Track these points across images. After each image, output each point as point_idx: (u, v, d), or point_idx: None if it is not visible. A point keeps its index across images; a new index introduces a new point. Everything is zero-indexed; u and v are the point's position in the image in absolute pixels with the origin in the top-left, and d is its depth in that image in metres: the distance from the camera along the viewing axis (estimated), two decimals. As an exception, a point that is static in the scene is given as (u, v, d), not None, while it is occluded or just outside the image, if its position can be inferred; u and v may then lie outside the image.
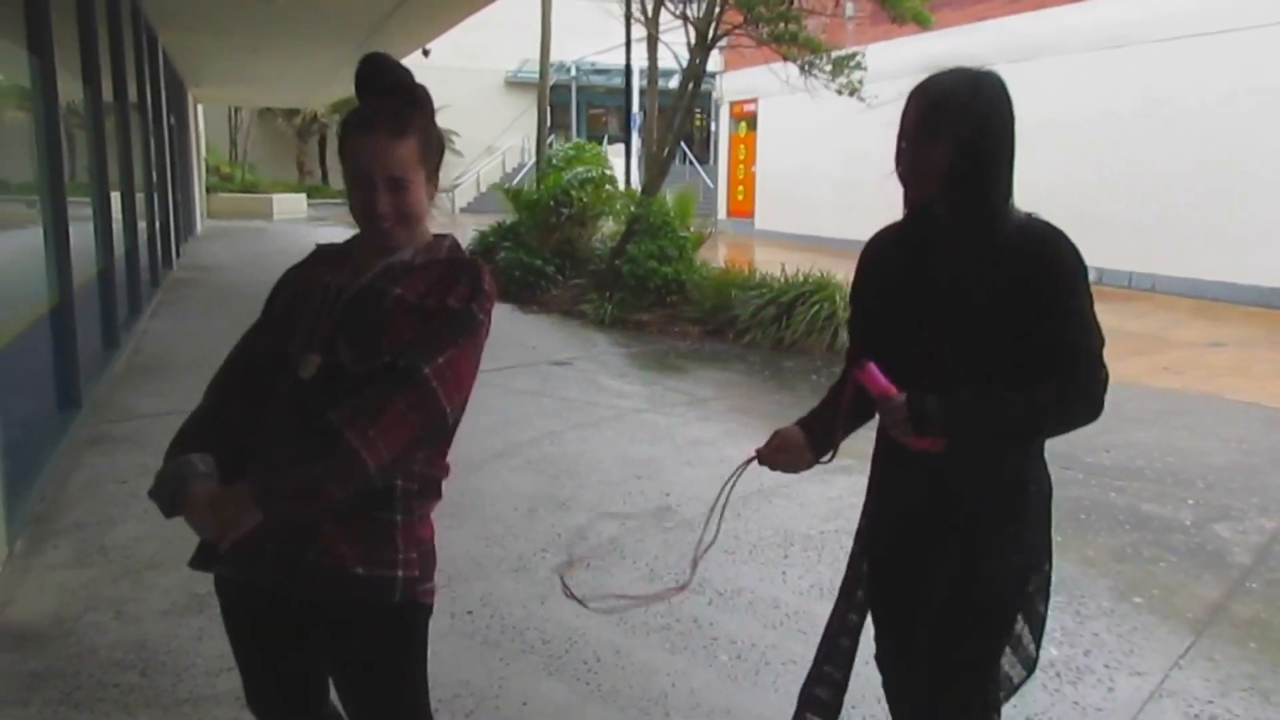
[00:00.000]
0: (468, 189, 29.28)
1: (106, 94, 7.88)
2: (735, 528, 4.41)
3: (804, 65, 10.25)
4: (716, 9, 10.28)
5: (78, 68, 6.89)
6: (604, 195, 12.51)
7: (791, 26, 10.16)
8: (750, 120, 22.14)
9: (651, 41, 13.10)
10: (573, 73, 29.94)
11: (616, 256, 10.79)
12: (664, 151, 11.34)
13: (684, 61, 11.16)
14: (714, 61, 17.47)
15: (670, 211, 11.14)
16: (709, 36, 10.42)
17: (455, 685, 3.00)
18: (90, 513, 4.40)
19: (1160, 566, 4.06)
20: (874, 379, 1.78)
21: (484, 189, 28.16)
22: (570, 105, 31.52)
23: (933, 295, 1.82)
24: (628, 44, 16.87)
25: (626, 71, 18.01)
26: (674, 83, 13.94)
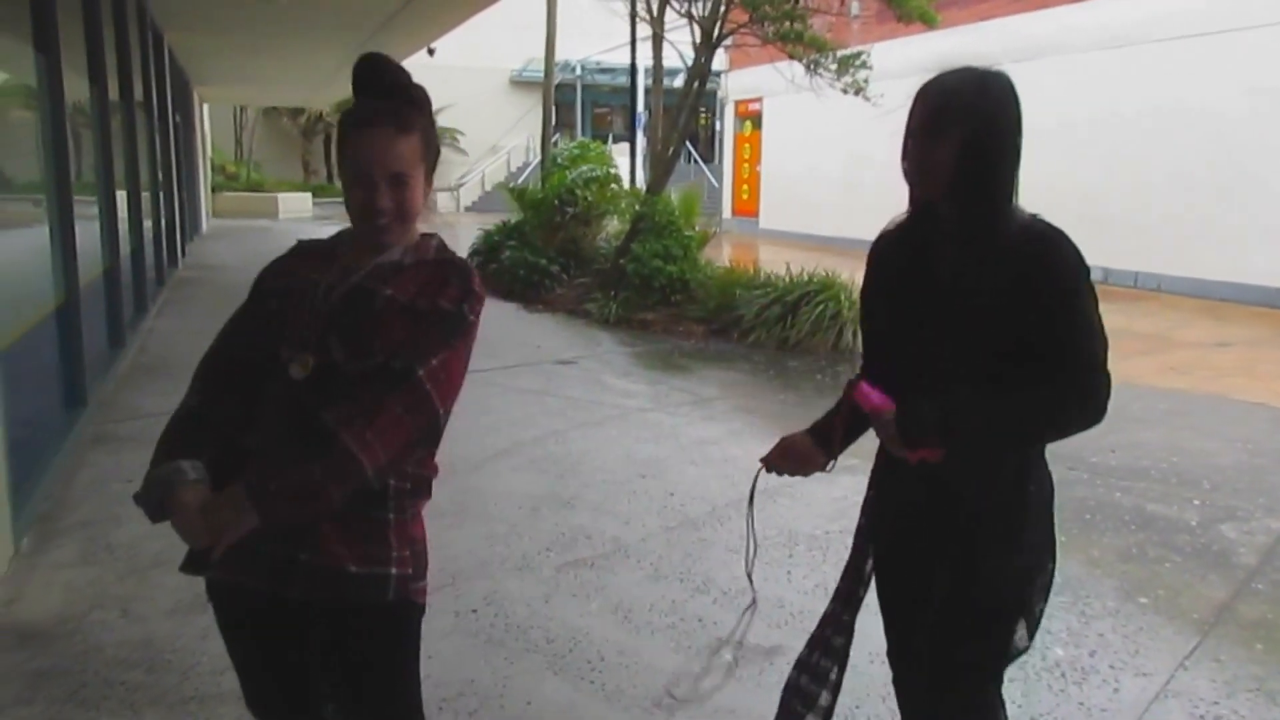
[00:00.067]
0: (472, 188, 29.33)
1: (112, 93, 7.89)
2: (740, 528, 4.39)
3: (809, 64, 10.24)
4: (722, 8, 10.27)
5: (84, 66, 6.91)
6: (609, 194, 12.51)
7: (797, 25, 10.15)
8: (755, 119, 22.14)
9: (656, 40, 13.12)
10: (578, 72, 29.97)
11: (621, 255, 10.79)
12: (669, 150, 11.34)
13: (689, 60, 11.15)
14: (719, 60, 17.43)
15: (675, 211, 11.13)
16: (714, 35, 10.41)
17: (459, 684, 3.01)
18: (96, 511, 4.41)
19: (1166, 567, 4.05)
20: (865, 398, 1.82)
21: (489, 188, 28.22)
22: (575, 104, 31.53)
23: (934, 294, 1.81)
24: (633, 43, 16.86)
25: (631, 70, 17.98)
26: (679, 81, 13.93)
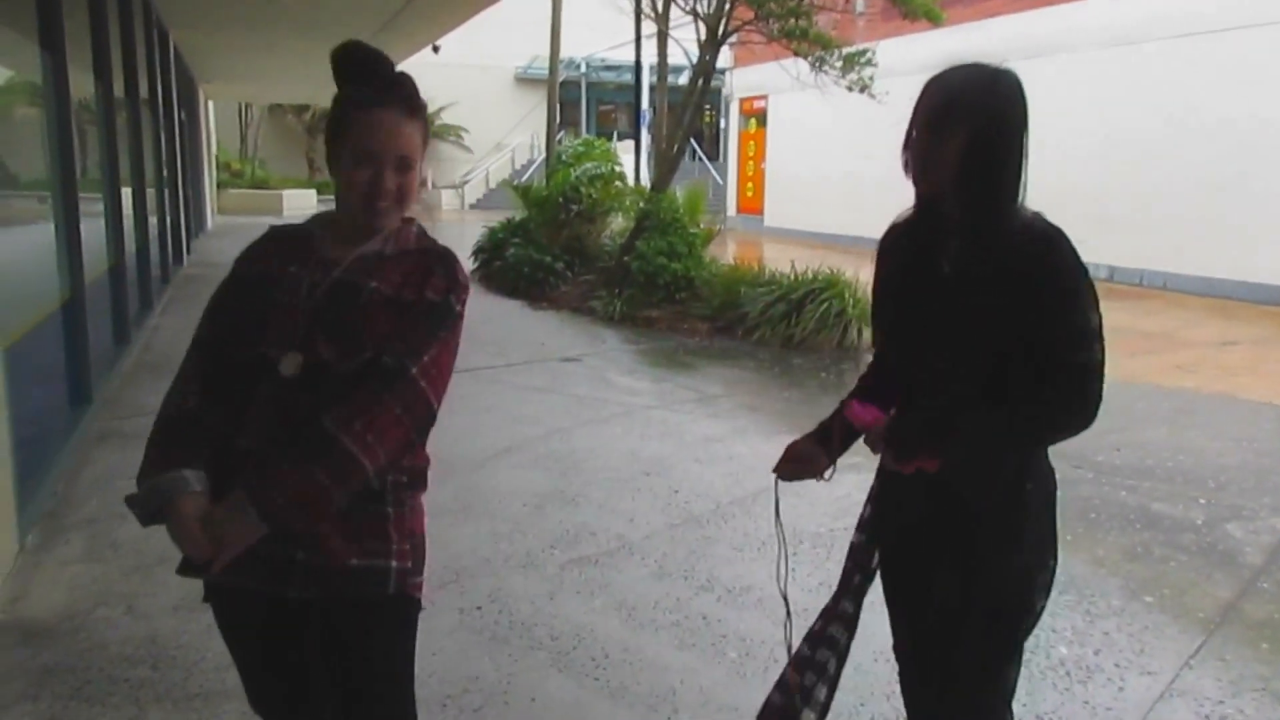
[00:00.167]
0: (477, 185, 29.35)
1: (118, 90, 7.90)
2: (744, 525, 4.41)
3: (815, 61, 10.21)
4: (727, 5, 10.26)
5: (89, 64, 6.91)
6: (613, 192, 12.51)
7: (802, 22, 10.13)
8: (760, 117, 22.12)
9: (661, 38, 13.08)
10: (582, 69, 29.95)
11: (626, 253, 10.79)
12: (673, 148, 11.33)
13: (694, 58, 11.14)
14: (724, 58, 17.43)
15: (680, 208, 11.13)
16: (719, 32, 10.40)
17: (464, 681, 3.01)
18: (101, 508, 4.41)
19: (1171, 566, 4.04)
20: (857, 415, 1.88)
21: (493, 185, 28.24)
22: (580, 102, 31.54)
23: (937, 291, 1.81)
24: (637, 40, 16.85)
25: (636, 68, 17.98)
26: (684, 79, 13.91)
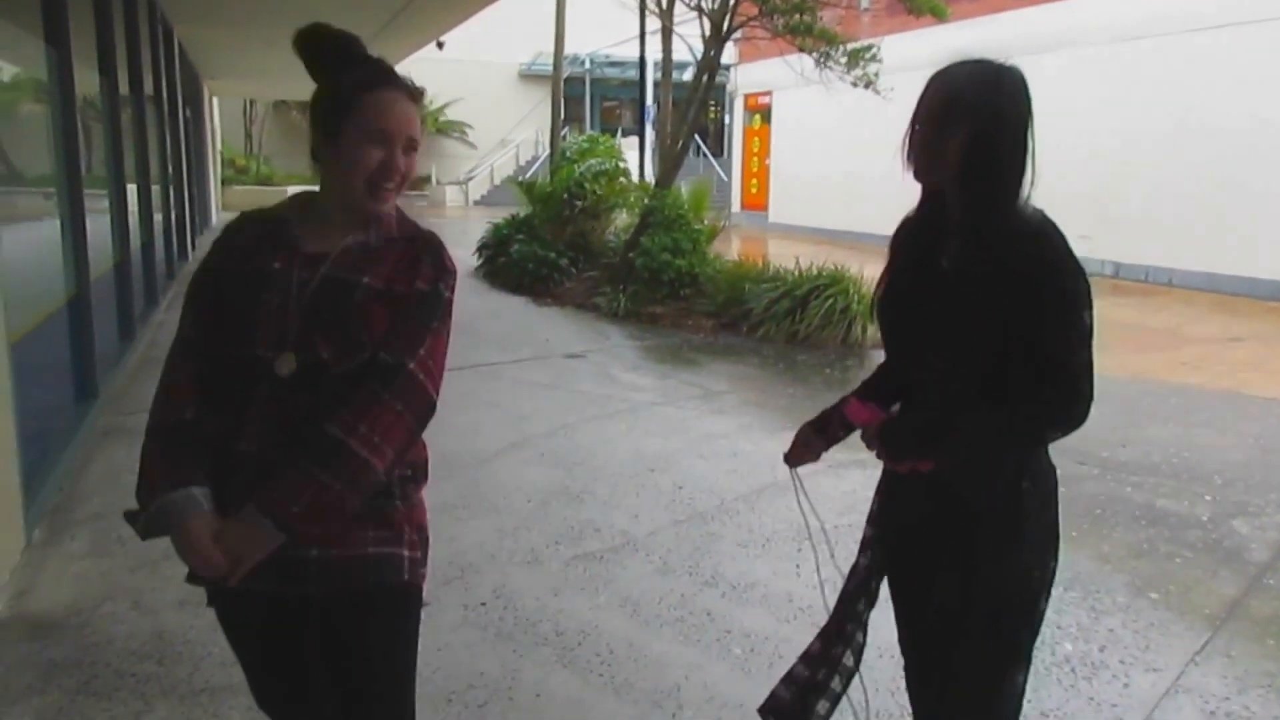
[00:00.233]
0: (481, 182, 29.33)
1: (123, 87, 7.91)
2: (749, 521, 4.41)
3: (819, 57, 10.20)
4: (731, 0, 10.24)
5: (94, 60, 6.92)
6: (618, 188, 12.52)
7: (806, 18, 10.12)
8: (765, 113, 22.08)
9: (666, 34, 13.06)
10: (587, 65, 29.93)
11: (630, 249, 10.78)
12: (678, 144, 11.32)
13: (698, 54, 11.12)
14: (728, 54, 17.40)
15: (684, 204, 11.13)
16: (724, 28, 10.39)
17: (469, 677, 3.01)
18: (107, 503, 4.42)
19: (1177, 562, 4.04)
20: (855, 413, 1.95)
21: (498, 182, 28.23)
22: (584, 98, 31.51)
23: (936, 290, 1.81)
24: (642, 36, 16.85)
25: (640, 64, 17.98)
26: (688, 75, 13.90)
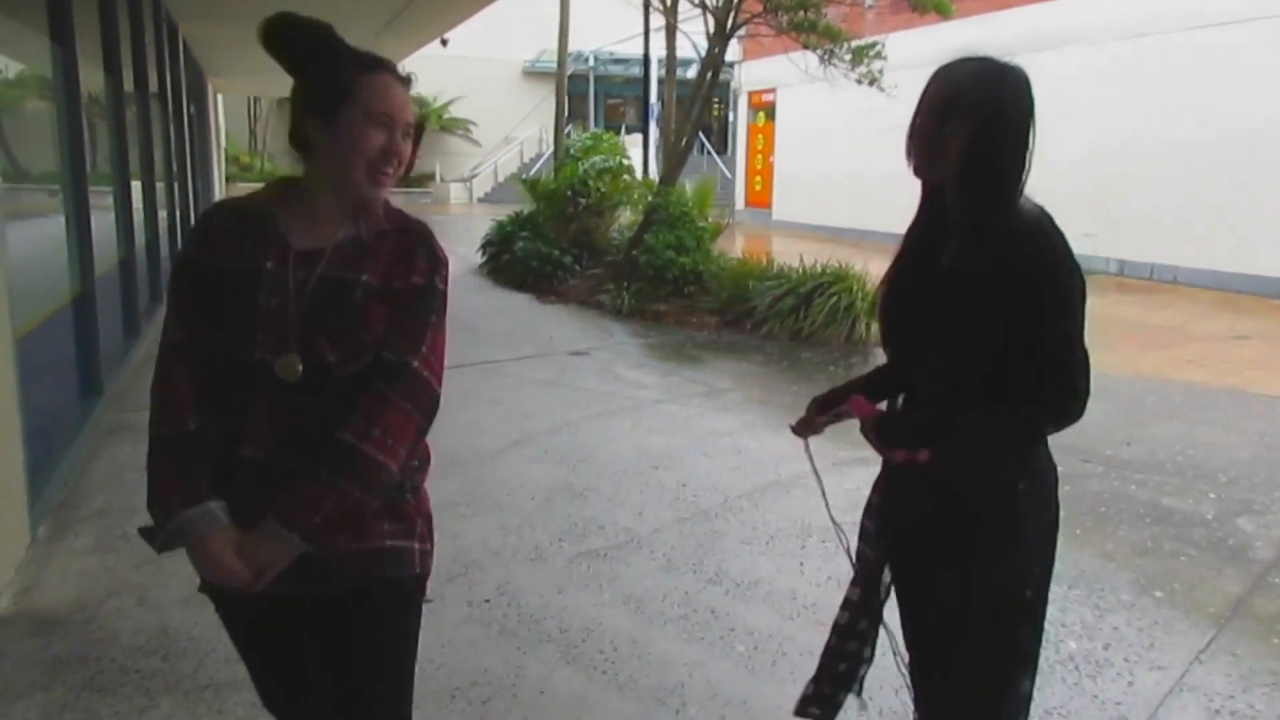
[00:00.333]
0: (485, 179, 29.34)
1: (127, 84, 7.92)
2: (752, 519, 4.41)
3: (824, 55, 10.19)
4: (735, -3, 10.24)
5: (99, 57, 6.93)
6: (621, 185, 12.52)
7: (811, 15, 10.10)
8: (769, 110, 22.05)
9: (670, 31, 13.08)
10: (591, 63, 29.89)
11: (634, 247, 10.78)
12: (682, 142, 11.31)
13: (702, 51, 11.12)
14: (733, 51, 17.35)
15: (688, 202, 11.12)
16: (728, 25, 10.37)
17: (473, 673, 3.02)
18: (112, 500, 4.43)
19: (1181, 561, 4.03)
20: (858, 406, 2.00)
21: (501, 179, 28.23)
22: (588, 95, 31.48)
23: (936, 289, 1.82)
24: (646, 33, 16.82)
25: (645, 61, 17.95)
26: (692, 72, 13.91)
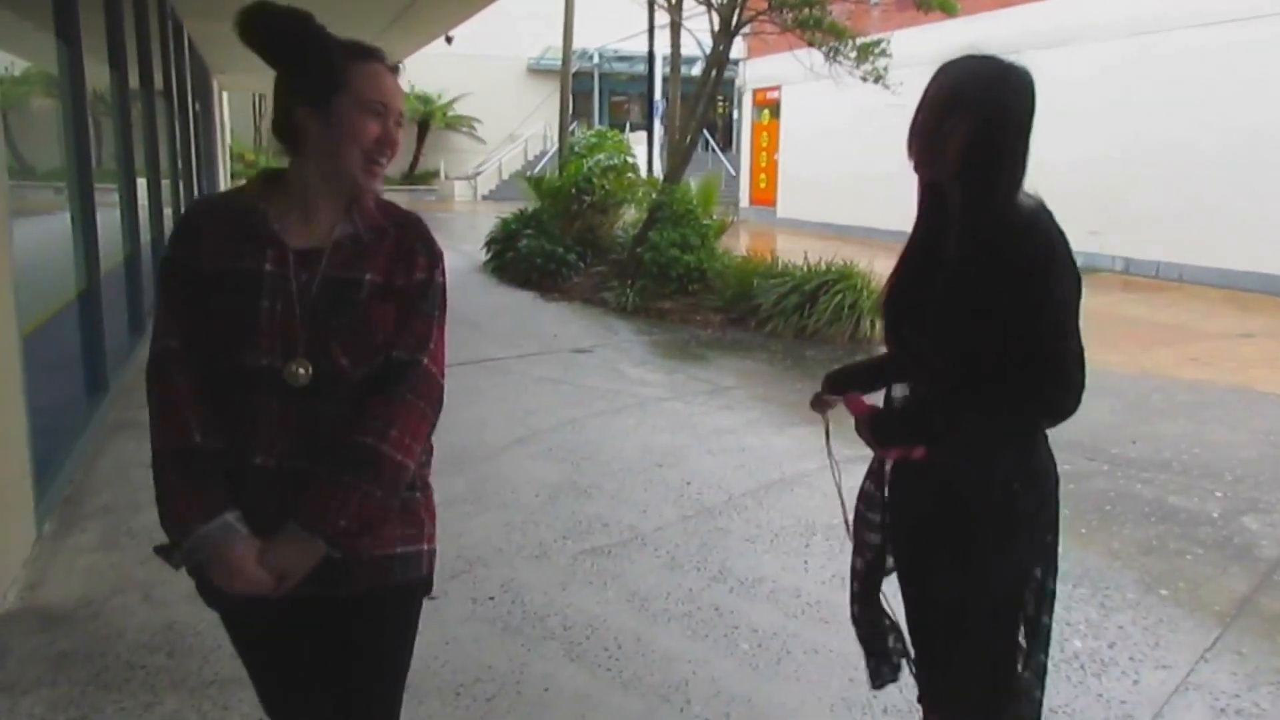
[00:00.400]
0: (489, 176, 29.32)
1: (133, 81, 7.93)
2: (757, 517, 4.41)
3: (829, 52, 10.16)
4: (740, -5, 10.21)
5: (105, 54, 6.94)
6: (626, 183, 12.50)
7: (816, 12, 10.08)
8: (773, 108, 22.02)
9: (675, 28, 13.06)
10: (595, 60, 29.89)
11: (638, 244, 10.78)
12: (686, 139, 11.30)
13: (707, 48, 11.10)
14: (737, 48, 17.34)
15: (693, 199, 11.11)
16: (733, 23, 10.35)
17: (477, 670, 3.02)
18: (118, 496, 4.44)
19: (1187, 559, 4.02)
20: (854, 405, 2.04)
21: (506, 177, 28.23)
22: (592, 93, 31.48)
23: (937, 286, 1.82)
24: (650, 31, 16.80)
25: (649, 59, 17.92)
26: (697, 70, 13.87)
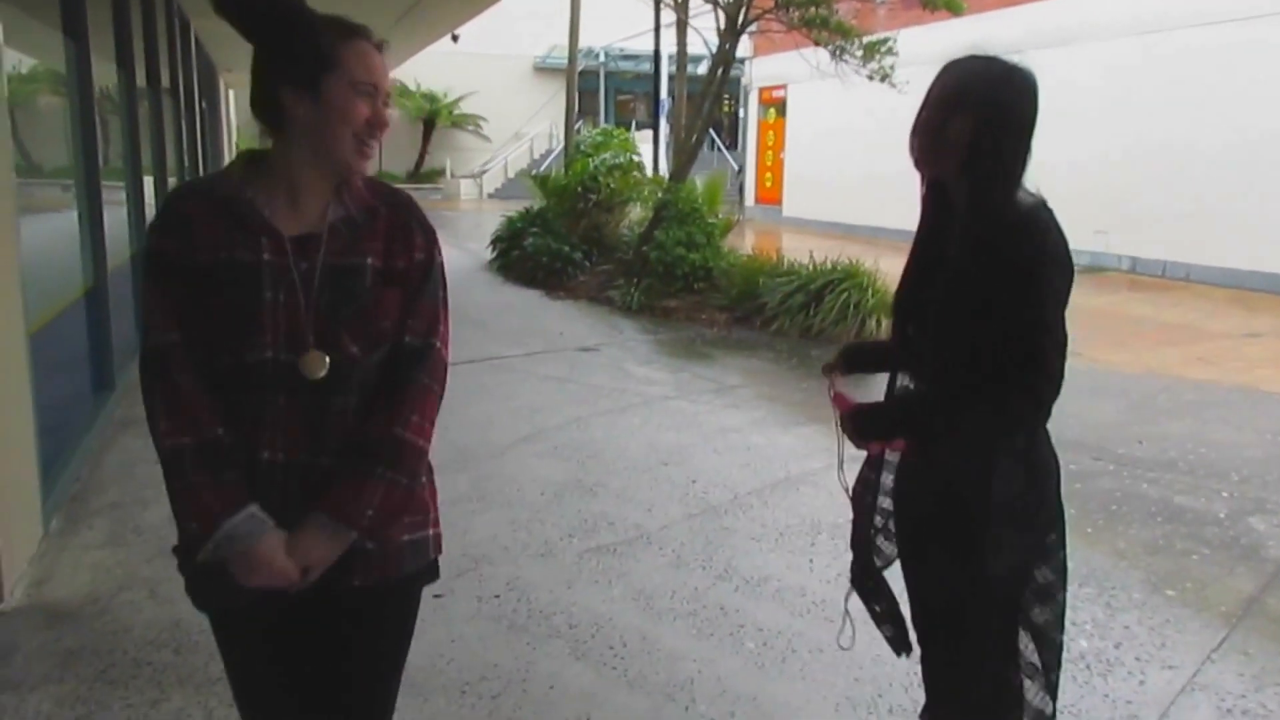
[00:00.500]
0: (495, 175, 29.33)
1: (140, 79, 7.94)
2: (762, 515, 4.41)
3: (835, 51, 10.15)
4: (746, -7, 10.21)
5: (112, 52, 6.95)
6: (632, 182, 12.51)
7: (822, 11, 10.07)
8: (779, 106, 21.99)
9: (681, 26, 13.03)
10: (601, 59, 29.85)
11: (644, 243, 10.77)
12: (692, 138, 11.29)
13: (713, 47, 11.09)
14: (743, 47, 17.35)
15: (698, 198, 11.10)
16: (739, 21, 10.35)
17: (482, 668, 3.03)
18: (124, 493, 4.46)
19: (1193, 559, 4.01)
20: (840, 402, 2.02)
21: (512, 175, 28.23)
22: (598, 91, 31.44)
23: (939, 285, 1.83)
24: (656, 29, 16.80)
25: (655, 57, 17.92)
26: (703, 68, 13.87)
